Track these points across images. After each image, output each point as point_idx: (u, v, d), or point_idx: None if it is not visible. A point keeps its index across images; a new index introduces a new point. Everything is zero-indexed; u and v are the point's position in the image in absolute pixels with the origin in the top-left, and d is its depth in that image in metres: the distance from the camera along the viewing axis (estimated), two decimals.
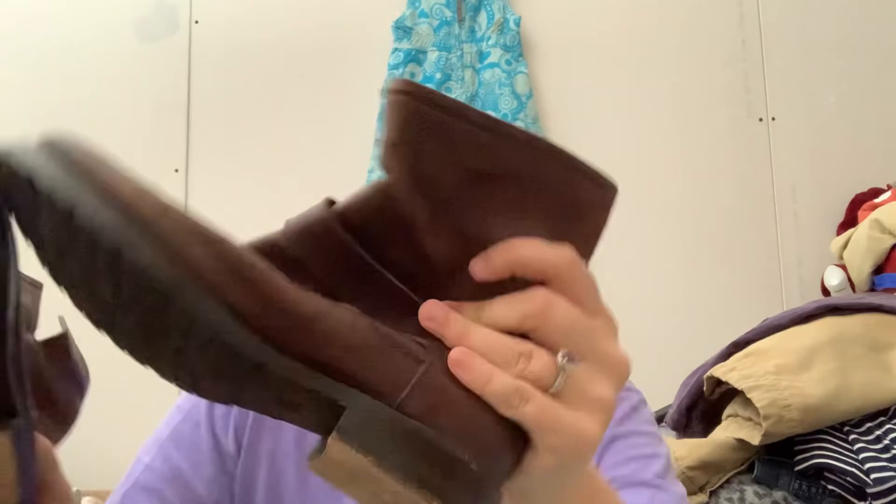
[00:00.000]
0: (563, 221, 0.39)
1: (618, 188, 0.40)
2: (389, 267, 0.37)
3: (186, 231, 0.34)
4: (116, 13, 2.02)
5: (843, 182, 1.88)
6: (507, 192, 0.37)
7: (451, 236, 0.37)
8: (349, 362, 0.34)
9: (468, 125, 0.36)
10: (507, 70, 1.90)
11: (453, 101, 0.36)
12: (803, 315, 1.24)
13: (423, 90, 0.36)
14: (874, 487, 0.97)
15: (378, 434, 0.34)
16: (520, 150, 0.37)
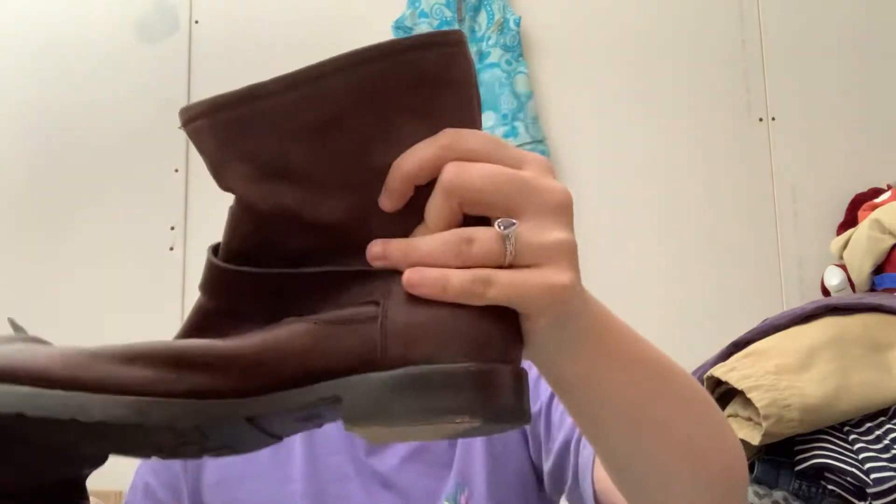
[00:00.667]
0: (427, 104, 0.37)
1: (457, 35, 0.37)
2: (303, 259, 0.37)
3: (109, 364, 0.34)
4: (116, 13, 2.02)
5: (843, 182, 1.88)
6: (353, 123, 0.36)
7: (334, 193, 0.36)
8: (316, 363, 0.35)
9: (268, 100, 0.35)
10: (507, 70, 1.90)
11: (237, 91, 0.35)
12: (803, 315, 1.24)
13: (204, 105, 0.36)
14: (874, 487, 0.97)
15: (376, 401, 0.34)
16: (333, 81, 0.36)
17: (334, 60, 0.35)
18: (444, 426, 0.35)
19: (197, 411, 0.34)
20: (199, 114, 0.36)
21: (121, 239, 1.94)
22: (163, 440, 0.34)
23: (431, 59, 0.36)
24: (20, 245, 1.95)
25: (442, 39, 0.36)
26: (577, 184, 1.92)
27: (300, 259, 0.37)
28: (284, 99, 0.35)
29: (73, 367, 0.34)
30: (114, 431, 0.33)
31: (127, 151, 1.97)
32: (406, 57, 0.35)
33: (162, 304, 1.90)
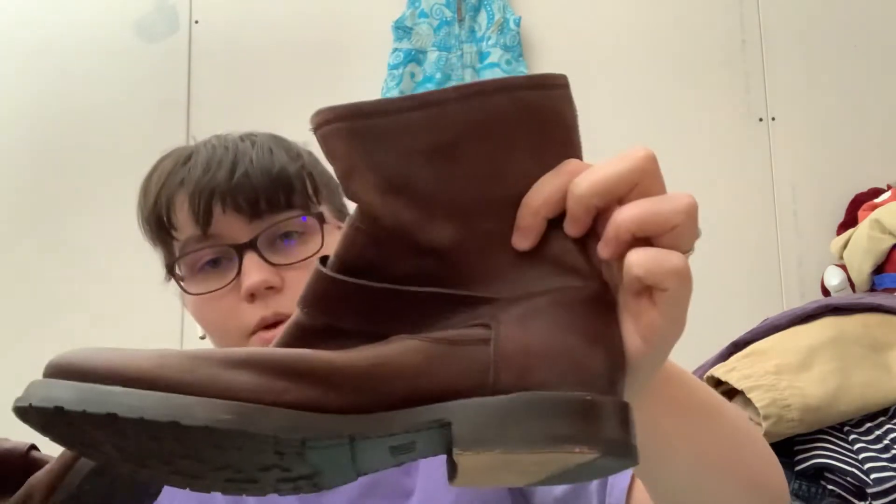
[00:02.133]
0: (539, 141, 0.38)
1: (565, 77, 0.39)
2: (408, 280, 0.37)
3: (214, 368, 0.33)
4: (116, 13, 2.02)
5: (843, 182, 1.88)
6: (469, 151, 0.36)
7: (447, 217, 0.36)
8: (426, 383, 0.34)
9: (396, 116, 0.36)
10: (507, 70, 1.90)
11: (372, 102, 0.36)
12: (803, 315, 1.24)
13: (342, 110, 0.37)
14: (874, 487, 0.97)
15: (492, 426, 0.33)
16: (454, 106, 0.36)
17: (457, 88, 0.36)
18: (559, 456, 0.33)
19: (304, 424, 0.33)
20: (336, 118, 0.37)
21: (121, 239, 1.94)
22: (260, 454, 0.33)
23: (545, 98, 0.37)
24: (20, 245, 1.95)
25: (555, 81, 0.38)
26: None
27: (405, 280, 0.37)
28: (411, 117, 0.36)
29: (174, 369, 0.33)
30: (213, 439, 0.32)
31: (127, 151, 1.97)
32: (521, 94, 0.36)
33: (162, 304, 1.90)
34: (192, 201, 0.63)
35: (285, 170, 0.65)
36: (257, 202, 0.64)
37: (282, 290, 0.65)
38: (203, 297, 0.66)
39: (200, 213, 0.63)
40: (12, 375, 1.94)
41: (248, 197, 0.63)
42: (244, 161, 0.64)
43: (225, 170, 0.63)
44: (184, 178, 0.65)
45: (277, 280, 0.64)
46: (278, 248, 0.66)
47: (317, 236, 0.66)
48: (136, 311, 1.91)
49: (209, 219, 0.64)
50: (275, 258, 0.65)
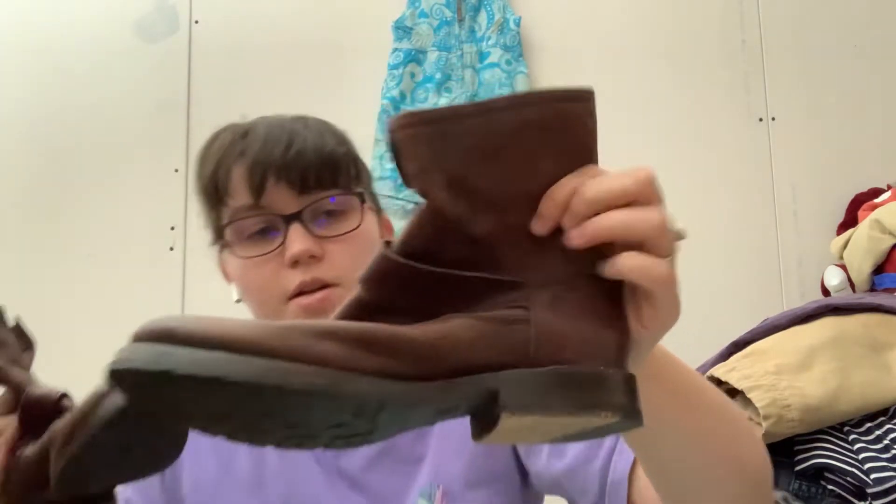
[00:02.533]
0: (567, 146, 0.43)
1: (592, 91, 0.44)
2: (456, 265, 0.42)
3: (304, 338, 0.38)
4: (116, 13, 2.02)
5: (843, 182, 1.88)
6: (512, 152, 0.42)
7: (488, 211, 0.42)
8: (479, 355, 0.40)
9: (460, 121, 0.41)
10: (507, 70, 1.90)
11: (441, 109, 0.41)
12: (803, 315, 1.24)
13: (418, 117, 0.41)
14: (874, 487, 0.97)
15: (535, 394, 0.40)
16: (505, 114, 0.42)
17: (509, 98, 0.42)
18: (586, 419, 0.40)
19: (384, 390, 0.37)
20: (415, 123, 0.41)
21: (121, 239, 1.94)
22: (338, 414, 0.38)
23: (575, 108, 0.43)
24: (20, 244, 1.95)
25: (584, 95, 0.43)
26: None
27: (453, 265, 0.42)
28: (473, 123, 0.41)
29: (272, 338, 0.37)
30: (306, 401, 0.37)
31: (127, 151, 1.97)
32: (558, 105, 0.42)
33: (162, 304, 1.90)
34: (250, 172, 0.70)
35: (334, 152, 0.73)
36: (307, 178, 0.70)
37: (322, 259, 0.71)
38: (249, 260, 0.72)
39: (255, 184, 0.69)
40: None
41: (300, 173, 0.70)
42: (298, 140, 0.71)
43: (281, 146, 0.70)
44: (243, 150, 0.71)
45: (319, 250, 0.70)
46: (321, 222, 0.72)
47: (356, 214, 0.73)
48: (136, 311, 1.91)
49: (262, 190, 0.70)
50: (318, 230, 0.71)
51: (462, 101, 1.89)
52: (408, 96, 1.90)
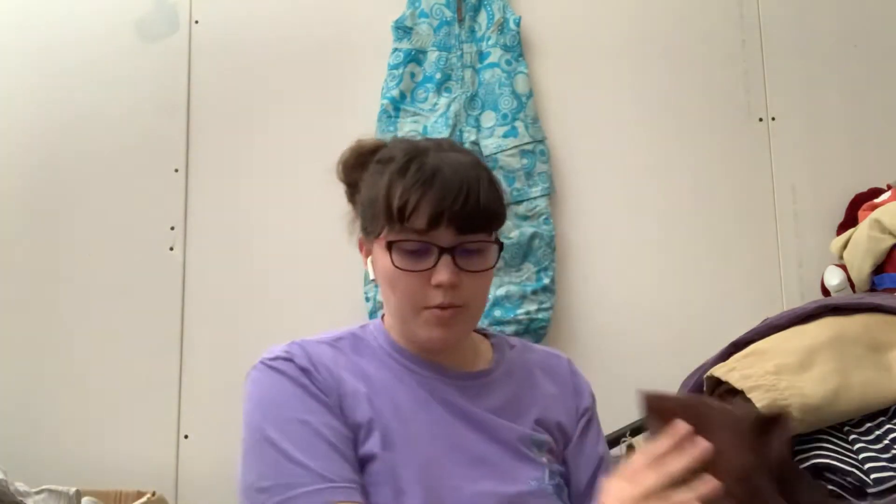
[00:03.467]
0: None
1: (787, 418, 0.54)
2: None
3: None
4: (116, 13, 2.02)
5: (843, 182, 1.88)
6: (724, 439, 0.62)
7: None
8: None
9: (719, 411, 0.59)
10: (507, 70, 1.90)
11: (694, 398, 0.54)
12: (803, 315, 1.24)
13: (678, 404, 0.59)
14: (874, 487, 0.97)
15: None
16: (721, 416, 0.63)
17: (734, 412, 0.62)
18: None
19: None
20: (674, 412, 0.56)
21: (121, 239, 1.94)
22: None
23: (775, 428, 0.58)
24: (20, 244, 1.95)
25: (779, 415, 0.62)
26: (576, 184, 1.92)
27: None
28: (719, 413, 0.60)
29: None
30: None
31: (127, 152, 1.97)
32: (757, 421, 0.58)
33: (162, 303, 1.90)
34: (432, 216, 0.87)
35: (497, 211, 0.92)
36: (470, 227, 0.89)
37: (458, 288, 0.89)
38: (402, 271, 0.90)
39: (433, 223, 0.87)
40: (11, 381, 1.95)
41: (467, 223, 0.89)
42: (473, 196, 0.88)
43: (460, 201, 0.87)
44: (428, 192, 0.88)
45: (457, 280, 0.89)
46: (466, 255, 0.90)
47: (493, 255, 0.93)
48: (136, 311, 1.91)
49: (435, 229, 0.88)
50: (461, 263, 0.90)
51: (462, 100, 1.89)
52: (408, 96, 1.90)
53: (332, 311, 1.82)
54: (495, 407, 0.96)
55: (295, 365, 0.90)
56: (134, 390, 1.87)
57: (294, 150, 1.94)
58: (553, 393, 1.01)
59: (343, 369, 0.93)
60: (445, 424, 0.92)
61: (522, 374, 1.01)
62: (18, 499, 1.50)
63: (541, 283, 1.82)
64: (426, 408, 0.93)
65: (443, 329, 0.90)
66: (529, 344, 1.09)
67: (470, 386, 0.96)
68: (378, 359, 0.96)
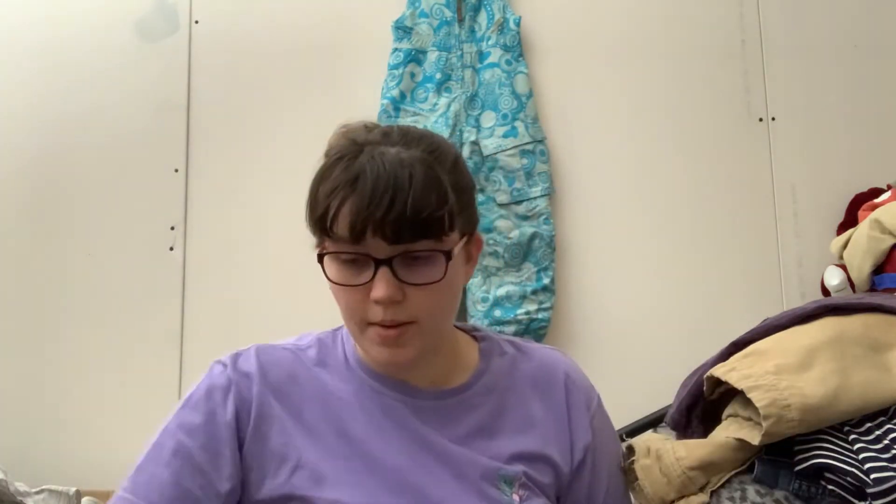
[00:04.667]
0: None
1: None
2: None
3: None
4: (116, 13, 2.02)
5: (843, 182, 1.88)
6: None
7: None
8: None
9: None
10: (507, 70, 1.90)
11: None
12: (803, 315, 1.24)
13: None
14: (874, 487, 0.97)
15: None
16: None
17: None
18: None
19: None
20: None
21: (121, 239, 1.94)
22: None
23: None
24: (20, 244, 1.95)
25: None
26: (576, 183, 1.92)
27: None
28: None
29: None
30: None
31: (127, 151, 1.97)
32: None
33: (162, 303, 1.90)
34: (352, 224, 0.77)
35: (433, 214, 0.78)
36: (401, 234, 0.77)
37: (403, 301, 0.79)
38: (339, 285, 0.82)
39: (356, 233, 0.77)
40: (11, 381, 1.95)
41: (396, 230, 0.77)
42: (401, 198, 0.77)
43: (383, 206, 0.76)
44: (349, 198, 0.78)
45: (399, 295, 0.79)
46: (409, 265, 0.79)
47: (441, 265, 0.80)
48: (136, 311, 1.91)
49: (362, 238, 0.78)
50: (403, 274, 0.79)
51: (462, 100, 1.89)
52: (408, 96, 1.90)
53: (331, 311, 1.81)
54: (464, 433, 0.86)
55: (226, 375, 0.85)
56: (134, 390, 1.87)
57: (294, 150, 1.94)
58: (540, 417, 0.90)
59: (295, 384, 0.87)
60: (401, 458, 0.83)
61: (506, 391, 0.90)
62: (18, 499, 1.50)
63: (541, 283, 1.82)
64: (381, 437, 0.84)
65: (391, 349, 0.81)
66: (530, 349, 0.97)
67: (438, 407, 0.87)
68: (339, 374, 0.89)
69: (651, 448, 1.18)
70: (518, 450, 0.86)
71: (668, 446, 1.15)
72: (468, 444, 0.85)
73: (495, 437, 0.87)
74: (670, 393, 1.38)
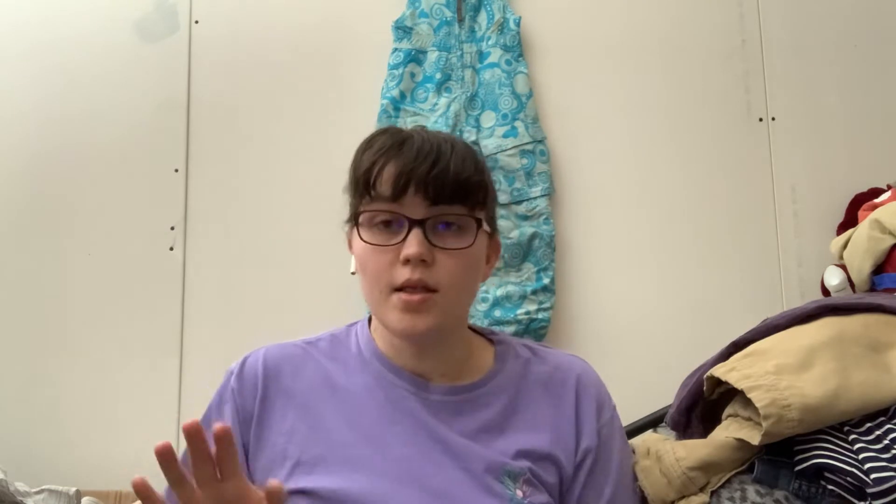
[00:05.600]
0: None
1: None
2: None
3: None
4: (116, 13, 2.02)
5: (843, 182, 1.88)
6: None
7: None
8: None
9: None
10: (507, 70, 1.90)
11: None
12: (803, 315, 1.24)
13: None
14: (874, 487, 0.97)
15: None
16: None
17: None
18: None
19: None
20: None
21: (121, 239, 1.94)
22: None
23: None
24: (20, 244, 1.95)
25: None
26: (576, 183, 1.92)
27: None
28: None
29: None
30: None
31: (127, 151, 1.97)
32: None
33: (162, 303, 1.90)
34: (396, 179, 0.82)
35: (469, 179, 0.83)
36: (441, 195, 0.82)
37: (431, 265, 0.83)
38: (371, 246, 0.84)
39: (398, 190, 0.81)
40: (12, 381, 1.95)
41: (436, 190, 0.82)
42: (442, 161, 0.82)
43: (427, 164, 0.81)
44: (394, 158, 0.83)
45: (430, 256, 0.82)
46: (439, 232, 0.83)
47: (471, 234, 0.85)
48: (136, 311, 1.91)
49: (402, 196, 0.82)
50: (434, 238, 0.83)
51: (462, 100, 1.89)
52: (408, 96, 1.90)
53: (331, 311, 1.82)
54: (473, 428, 0.88)
55: (230, 387, 0.90)
56: (134, 390, 1.87)
57: (294, 150, 1.94)
58: (549, 419, 0.91)
59: (303, 378, 0.90)
60: (407, 448, 0.85)
61: (518, 391, 0.92)
62: (18, 499, 1.50)
63: (541, 283, 1.82)
64: (390, 428, 0.86)
65: (412, 316, 0.82)
66: (546, 353, 0.98)
67: (450, 402, 0.89)
68: (351, 366, 0.91)
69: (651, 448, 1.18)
70: (525, 447, 0.87)
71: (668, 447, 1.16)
72: (476, 439, 0.87)
73: (503, 434, 0.88)
74: (670, 393, 1.38)
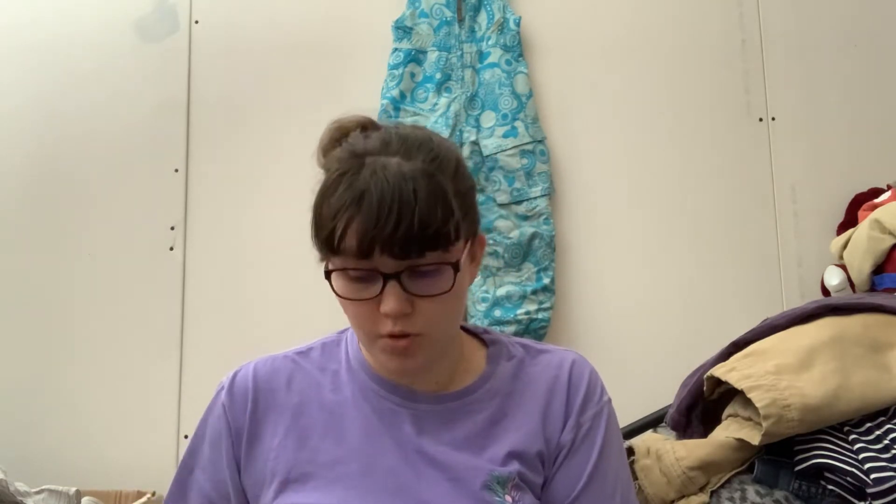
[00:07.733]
0: None
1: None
2: None
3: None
4: (116, 13, 2.02)
5: (843, 182, 1.88)
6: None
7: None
8: None
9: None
10: (507, 70, 1.90)
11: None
12: (803, 315, 1.24)
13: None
14: (874, 487, 0.97)
15: None
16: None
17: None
18: None
19: None
20: None
21: (121, 239, 1.94)
22: None
23: None
24: (20, 244, 1.95)
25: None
26: (576, 183, 1.92)
27: None
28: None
29: None
30: None
31: (127, 151, 1.97)
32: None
33: (162, 303, 1.90)
34: (361, 240, 0.78)
35: (439, 230, 0.78)
36: (409, 250, 0.78)
37: (412, 314, 0.80)
38: (347, 300, 0.83)
39: (364, 251, 0.78)
40: (12, 381, 1.95)
41: (404, 246, 0.78)
42: (407, 215, 0.77)
43: (392, 224, 0.77)
44: (355, 217, 0.78)
45: (409, 308, 0.80)
46: (416, 279, 0.80)
47: (449, 277, 0.81)
48: (136, 310, 1.91)
49: (370, 255, 0.78)
50: (412, 286, 0.80)
51: (462, 100, 1.89)
52: (408, 96, 1.90)
53: (331, 311, 1.81)
54: (461, 437, 0.87)
55: (220, 403, 0.90)
56: (134, 390, 1.87)
57: (294, 150, 1.94)
58: (539, 416, 0.89)
59: (293, 392, 0.90)
60: (394, 461, 0.85)
61: (510, 393, 0.90)
62: (18, 499, 1.50)
63: (541, 283, 1.82)
64: (377, 441, 0.86)
65: (401, 359, 0.82)
66: (540, 350, 0.95)
67: (438, 411, 0.88)
68: (340, 378, 0.91)
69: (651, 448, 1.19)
70: (515, 448, 0.86)
71: (667, 446, 1.16)
72: (464, 448, 0.86)
73: (493, 439, 0.87)
74: (670, 393, 1.38)
